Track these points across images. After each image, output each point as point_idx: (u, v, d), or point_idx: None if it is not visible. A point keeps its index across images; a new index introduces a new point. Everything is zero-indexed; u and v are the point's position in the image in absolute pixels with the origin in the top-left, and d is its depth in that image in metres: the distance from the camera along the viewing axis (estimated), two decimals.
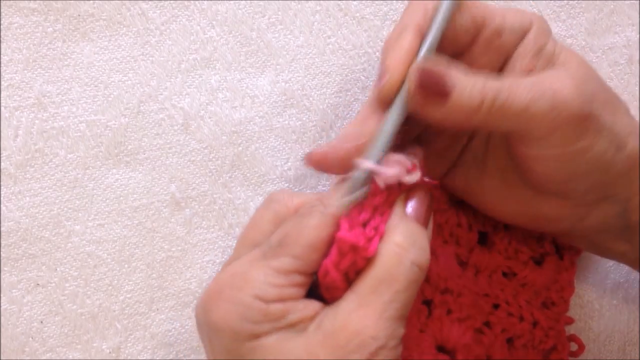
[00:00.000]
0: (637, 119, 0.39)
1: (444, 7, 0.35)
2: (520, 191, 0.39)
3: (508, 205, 0.40)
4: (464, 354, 0.39)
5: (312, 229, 0.34)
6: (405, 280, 0.33)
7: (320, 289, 0.35)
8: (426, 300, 0.39)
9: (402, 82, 0.35)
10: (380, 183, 0.34)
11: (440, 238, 0.41)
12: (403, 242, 0.34)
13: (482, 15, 0.37)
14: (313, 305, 0.34)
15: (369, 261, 0.34)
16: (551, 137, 0.35)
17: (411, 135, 0.39)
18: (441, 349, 0.39)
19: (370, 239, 0.33)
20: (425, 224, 0.35)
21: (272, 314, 0.33)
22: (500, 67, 0.38)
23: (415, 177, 0.35)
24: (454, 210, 0.42)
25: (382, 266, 0.33)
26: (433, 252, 0.39)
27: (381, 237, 0.34)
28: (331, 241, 0.34)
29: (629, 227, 0.39)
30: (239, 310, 0.33)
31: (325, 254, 0.34)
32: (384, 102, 0.35)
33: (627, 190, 0.38)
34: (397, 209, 0.35)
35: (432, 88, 0.34)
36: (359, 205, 0.34)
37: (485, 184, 0.40)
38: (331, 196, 0.35)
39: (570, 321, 0.44)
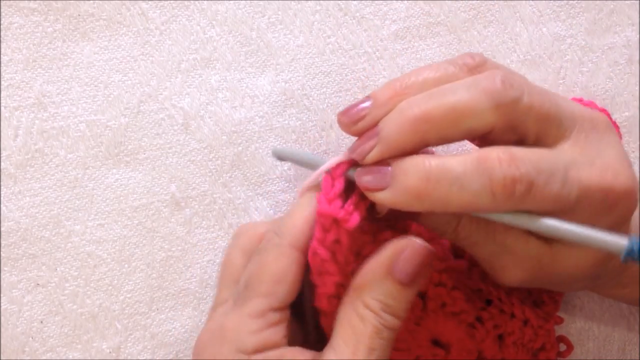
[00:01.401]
0: (637, 119, 0.39)
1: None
2: None
3: None
4: (457, 349, 0.39)
5: (271, 264, 0.34)
6: (376, 343, 0.33)
7: (314, 285, 0.35)
8: (420, 293, 0.39)
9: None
10: None
11: None
12: (375, 306, 0.33)
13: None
14: (298, 354, 0.34)
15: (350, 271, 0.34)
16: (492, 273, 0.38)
17: None
18: (436, 342, 0.40)
19: (350, 213, 0.34)
20: (410, 284, 0.34)
21: None
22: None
23: None
24: None
25: (359, 328, 0.33)
26: (429, 243, 0.39)
27: (362, 217, 0.34)
28: (295, 269, 0.34)
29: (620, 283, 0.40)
30: None
31: (291, 282, 0.34)
32: None
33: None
34: (382, 262, 0.34)
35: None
36: (333, 180, 0.35)
37: None
38: (285, 224, 0.35)
39: (559, 321, 0.44)
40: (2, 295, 0.40)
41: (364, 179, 0.34)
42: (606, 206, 0.33)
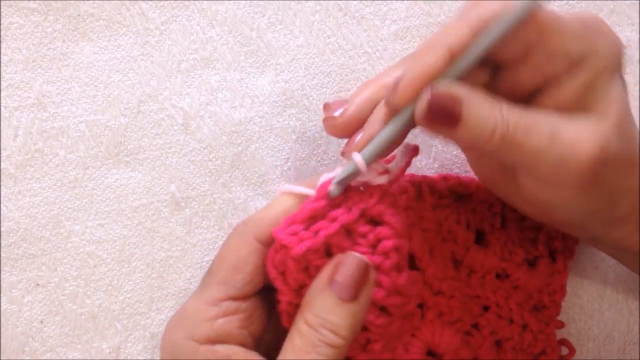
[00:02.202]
0: (638, 119, 0.39)
1: (492, 33, 0.33)
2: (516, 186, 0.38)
3: (503, 189, 0.40)
4: (451, 357, 0.39)
5: (231, 252, 0.35)
6: (307, 357, 0.33)
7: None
8: (420, 303, 0.39)
9: (413, 99, 0.33)
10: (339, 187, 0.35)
11: (439, 236, 0.41)
12: (313, 322, 0.33)
13: (537, 34, 0.34)
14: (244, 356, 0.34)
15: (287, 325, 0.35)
16: (550, 182, 0.35)
17: None
18: (429, 351, 0.39)
19: (301, 241, 0.34)
20: (349, 298, 0.33)
21: (202, 356, 0.34)
22: (540, 83, 0.36)
23: (384, 179, 0.35)
24: (454, 207, 0.42)
25: (296, 344, 0.33)
26: (431, 251, 0.39)
27: (317, 243, 0.34)
28: (255, 259, 0.35)
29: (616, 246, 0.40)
30: (172, 351, 0.34)
31: (249, 272, 0.35)
32: (389, 112, 0.35)
33: (617, 231, 0.38)
34: (322, 278, 0.34)
35: (441, 115, 0.33)
36: (312, 204, 0.35)
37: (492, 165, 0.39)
38: (255, 216, 0.36)
39: (560, 325, 0.44)
40: (2, 295, 0.40)
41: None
42: None
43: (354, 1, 0.45)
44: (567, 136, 0.33)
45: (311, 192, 0.35)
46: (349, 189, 0.35)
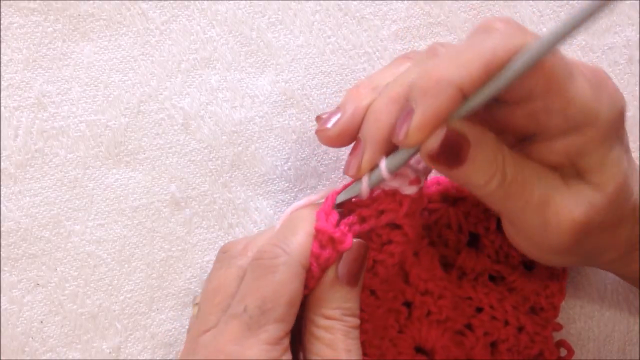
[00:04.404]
0: (637, 120, 0.39)
1: (506, 76, 0.31)
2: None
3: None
4: (442, 355, 0.39)
5: (286, 286, 0.34)
6: (349, 344, 0.35)
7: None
8: (406, 302, 0.40)
9: (425, 140, 0.33)
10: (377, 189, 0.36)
11: (426, 240, 0.41)
12: (335, 314, 0.35)
13: (544, 83, 0.33)
14: None
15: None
16: (531, 242, 0.37)
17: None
18: (420, 349, 0.40)
19: (344, 234, 0.35)
20: (356, 282, 0.36)
21: None
22: (532, 131, 0.35)
23: (414, 189, 0.36)
24: (444, 211, 0.42)
25: (328, 339, 0.35)
26: (416, 253, 0.39)
27: (353, 235, 0.35)
28: (302, 287, 0.35)
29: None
30: None
31: (299, 304, 0.35)
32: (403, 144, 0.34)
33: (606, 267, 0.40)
34: (328, 274, 0.35)
35: (448, 154, 0.33)
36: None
37: None
38: (293, 241, 0.35)
39: (558, 328, 0.44)
40: (2, 295, 0.40)
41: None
42: None
43: (354, 1, 0.45)
44: (555, 203, 0.34)
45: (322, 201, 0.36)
46: (380, 192, 0.36)
